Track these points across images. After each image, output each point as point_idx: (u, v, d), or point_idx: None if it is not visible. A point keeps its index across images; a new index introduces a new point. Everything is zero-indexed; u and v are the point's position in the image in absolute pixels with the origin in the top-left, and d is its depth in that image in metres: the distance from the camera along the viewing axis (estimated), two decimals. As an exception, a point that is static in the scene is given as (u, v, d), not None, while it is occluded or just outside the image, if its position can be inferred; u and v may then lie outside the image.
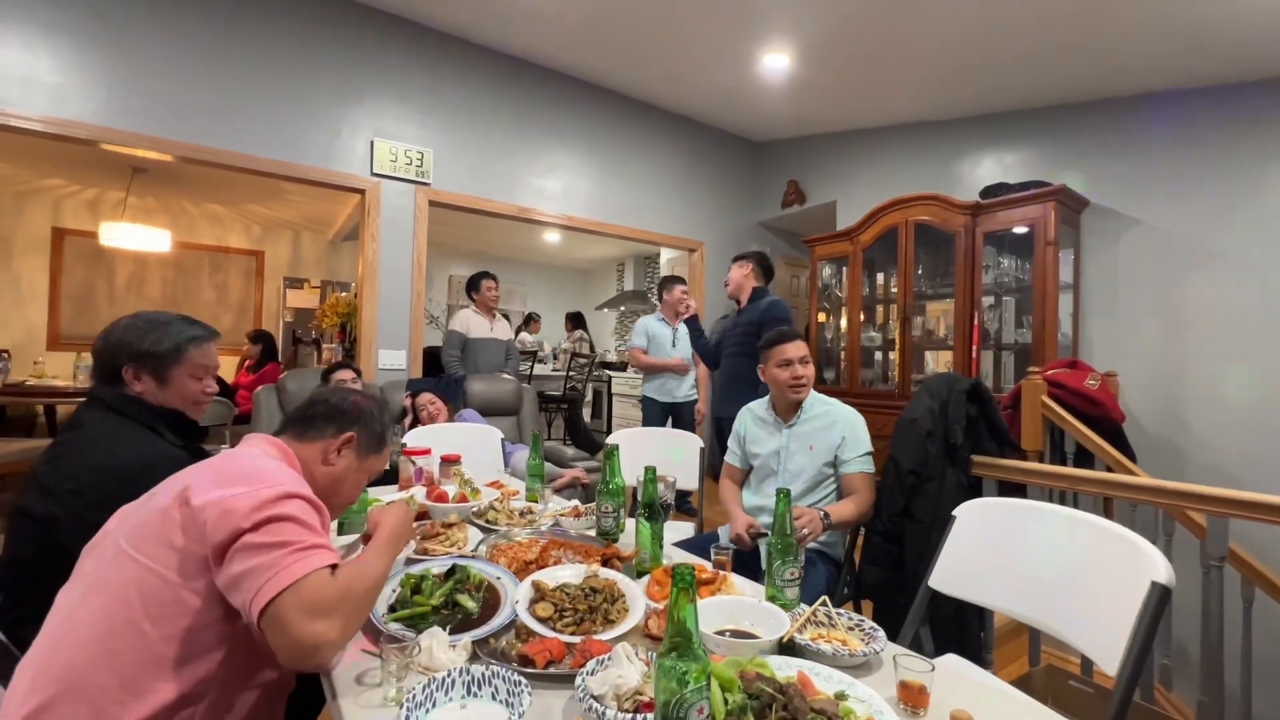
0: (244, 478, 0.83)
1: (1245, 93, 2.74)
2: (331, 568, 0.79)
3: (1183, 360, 2.89)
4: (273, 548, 0.76)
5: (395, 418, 3.04)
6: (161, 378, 1.16)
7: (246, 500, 0.79)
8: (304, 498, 0.85)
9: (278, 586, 0.73)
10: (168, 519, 0.80)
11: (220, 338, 1.32)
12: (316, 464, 1.01)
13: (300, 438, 1.02)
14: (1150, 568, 1.04)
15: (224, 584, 0.77)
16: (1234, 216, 2.76)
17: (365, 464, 1.07)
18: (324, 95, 3.15)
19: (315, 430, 1.02)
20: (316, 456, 1.01)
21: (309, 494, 0.86)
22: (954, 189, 3.64)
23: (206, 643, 0.79)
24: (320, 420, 1.03)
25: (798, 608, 0.95)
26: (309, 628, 0.72)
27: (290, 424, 1.04)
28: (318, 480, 1.00)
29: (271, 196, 5.26)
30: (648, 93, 4.20)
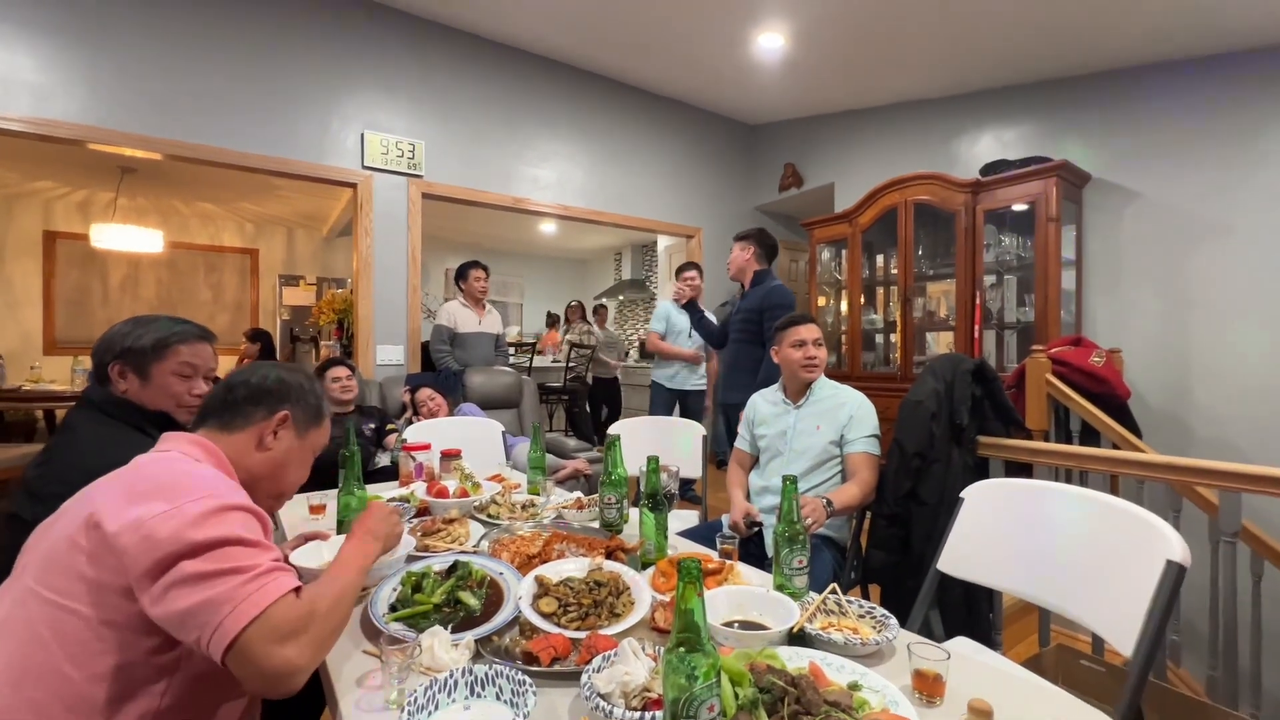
0: (162, 491, 0.72)
1: (1246, 60, 2.68)
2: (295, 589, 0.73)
3: (1187, 335, 2.86)
4: (223, 576, 0.68)
5: (395, 413, 3.02)
6: (144, 374, 1.13)
7: (172, 521, 0.69)
8: (240, 508, 0.75)
9: (242, 620, 0.66)
10: (75, 548, 0.70)
11: (216, 340, 1.27)
12: (250, 453, 0.91)
13: (226, 428, 0.90)
14: (1165, 546, 1.02)
15: (163, 618, 0.68)
16: (1238, 187, 2.72)
17: (307, 440, 0.98)
18: (312, 88, 3.09)
19: (242, 417, 0.91)
20: (249, 444, 0.91)
21: (245, 501, 0.77)
22: (953, 167, 3.59)
23: (142, 678, 0.71)
24: (245, 404, 0.92)
25: (807, 596, 0.93)
26: (278, 654, 0.66)
27: (210, 415, 0.92)
28: (255, 469, 0.91)
29: (263, 193, 5.21)
30: (641, 78, 4.13)
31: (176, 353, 1.15)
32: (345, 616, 0.77)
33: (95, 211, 5.54)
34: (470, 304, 3.55)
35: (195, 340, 1.19)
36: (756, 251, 2.73)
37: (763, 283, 2.68)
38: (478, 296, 3.54)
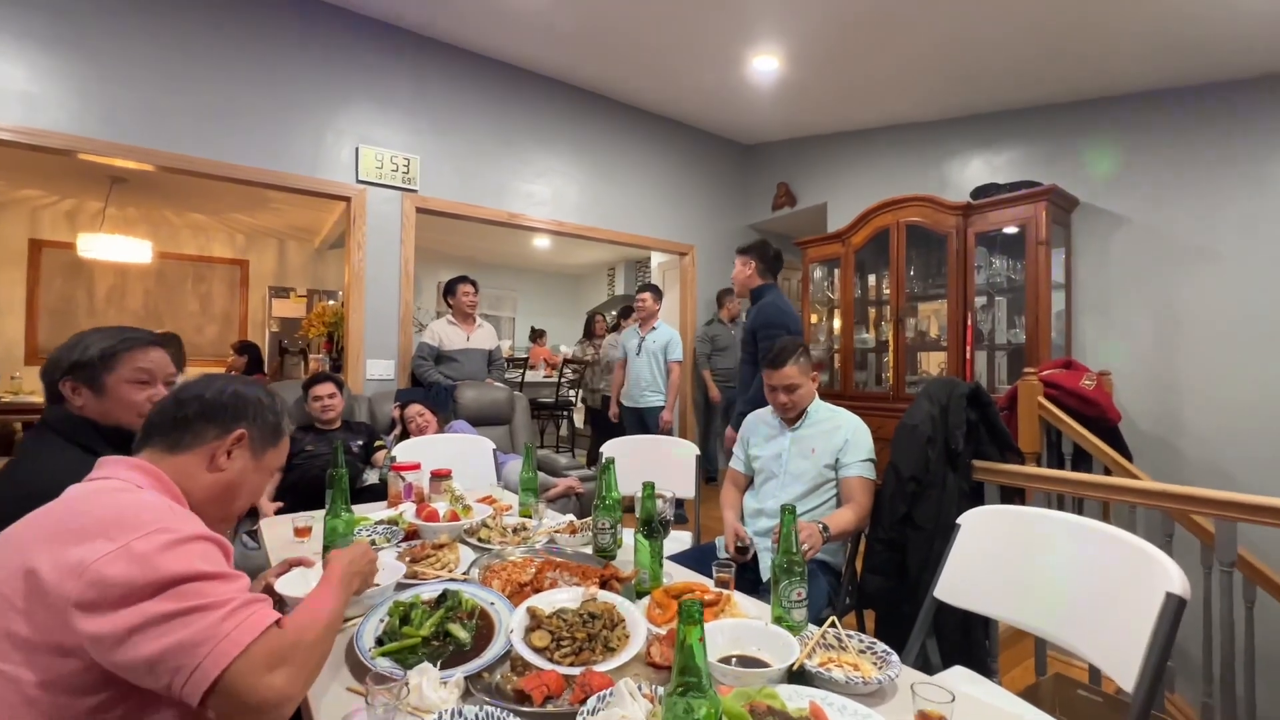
0: (105, 527, 0.65)
1: (1231, 91, 2.74)
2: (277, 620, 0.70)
3: (1176, 358, 2.89)
4: (192, 614, 0.63)
5: (385, 429, 2.98)
6: (96, 387, 1.08)
7: (121, 561, 0.62)
8: (197, 538, 0.69)
9: (223, 660, 0.62)
10: (5, 604, 0.63)
11: (173, 346, 1.23)
12: (200, 474, 0.84)
13: (173, 449, 0.82)
14: (1164, 578, 1.01)
15: (126, 666, 0.62)
16: (1223, 214, 2.77)
17: (263, 461, 0.91)
18: (307, 102, 3.09)
19: (191, 435, 0.83)
20: (199, 465, 0.84)
21: (200, 530, 0.70)
22: (944, 190, 3.64)
23: None
24: (197, 422, 0.84)
25: (806, 630, 0.91)
26: (267, 683, 0.63)
27: (155, 434, 0.83)
28: (204, 492, 0.84)
29: (256, 205, 5.19)
30: (636, 96, 4.17)
31: (127, 360, 1.10)
32: (331, 644, 0.75)
33: (83, 220, 5.48)
34: (459, 320, 3.51)
35: (145, 346, 1.13)
36: (758, 266, 2.63)
37: (758, 299, 2.61)
38: (466, 312, 3.50)
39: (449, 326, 3.48)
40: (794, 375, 1.75)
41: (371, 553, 0.99)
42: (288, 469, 2.50)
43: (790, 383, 1.75)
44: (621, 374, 3.94)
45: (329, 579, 0.87)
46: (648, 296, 3.83)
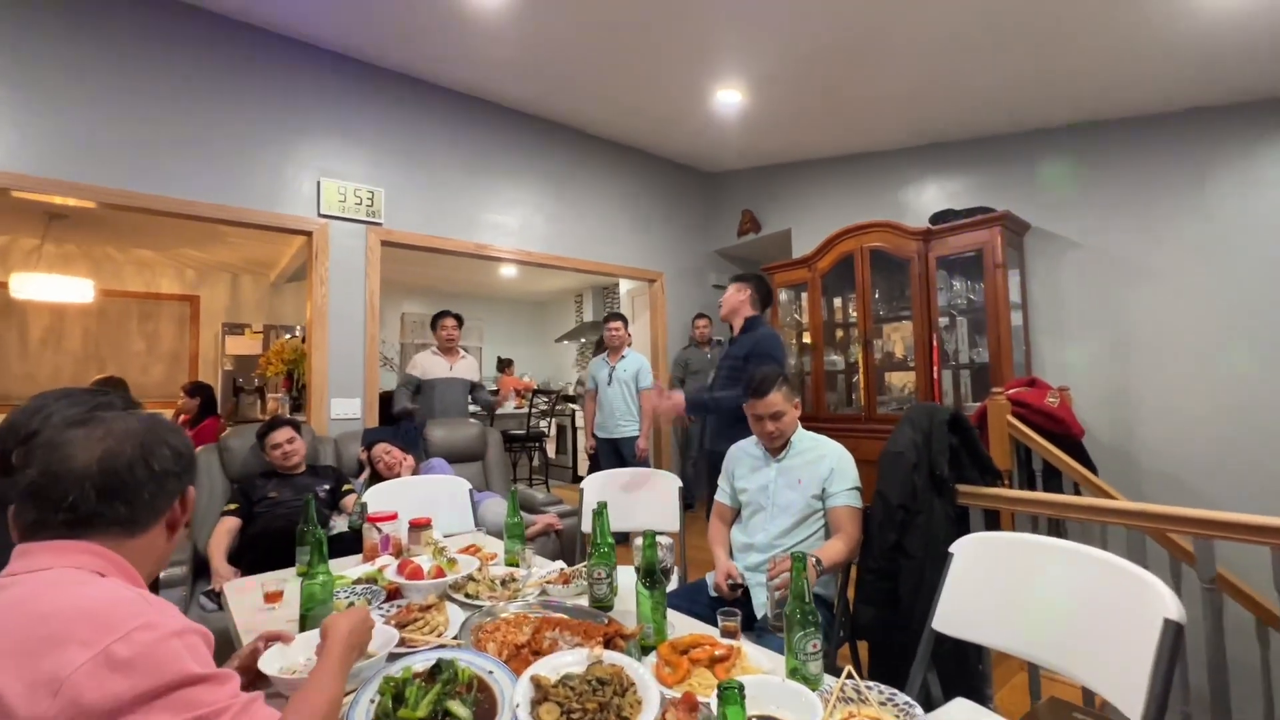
0: (75, 628, 0.56)
1: (1164, 123, 2.94)
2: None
3: (1128, 374, 3.03)
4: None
5: (352, 472, 2.85)
6: None
7: (100, 673, 0.54)
8: (181, 632, 0.61)
9: None
10: None
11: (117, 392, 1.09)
12: (160, 546, 0.75)
13: (132, 531, 0.71)
14: (1160, 604, 1.02)
15: None
16: (1162, 237, 2.94)
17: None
18: (264, 135, 3.00)
19: (150, 510, 0.73)
20: (158, 539, 0.75)
21: (182, 622, 0.63)
22: (904, 215, 3.77)
23: None
24: (155, 495, 0.73)
25: (824, 686, 0.88)
26: None
27: (99, 518, 0.69)
28: (162, 560, 0.76)
29: (208, 240, 4.99)
30: (603, 128, 4.21)
31: None
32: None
33: (16, 259, 5.16)
34: (441, 352, 3.61)
35: None
36: (752, 296, 2.62)
37: (753, 329, 2.57)
38: (446, 345, 3.60)
39: (432, 357, 3.59)
40: (779, 403, 1.76)
41: (371, 619, 0.92)
42: (249, 520, 2.36)
43: (776, 410, 1.75)
44: (593, 405, 3.90)
45: (329, 656, 0.80)
46: (620, 325, 3.82)
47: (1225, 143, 2.78)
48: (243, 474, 2.59)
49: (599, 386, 3.86)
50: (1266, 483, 2.62)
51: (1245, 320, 2.70)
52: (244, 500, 2.39)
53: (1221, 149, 2.79)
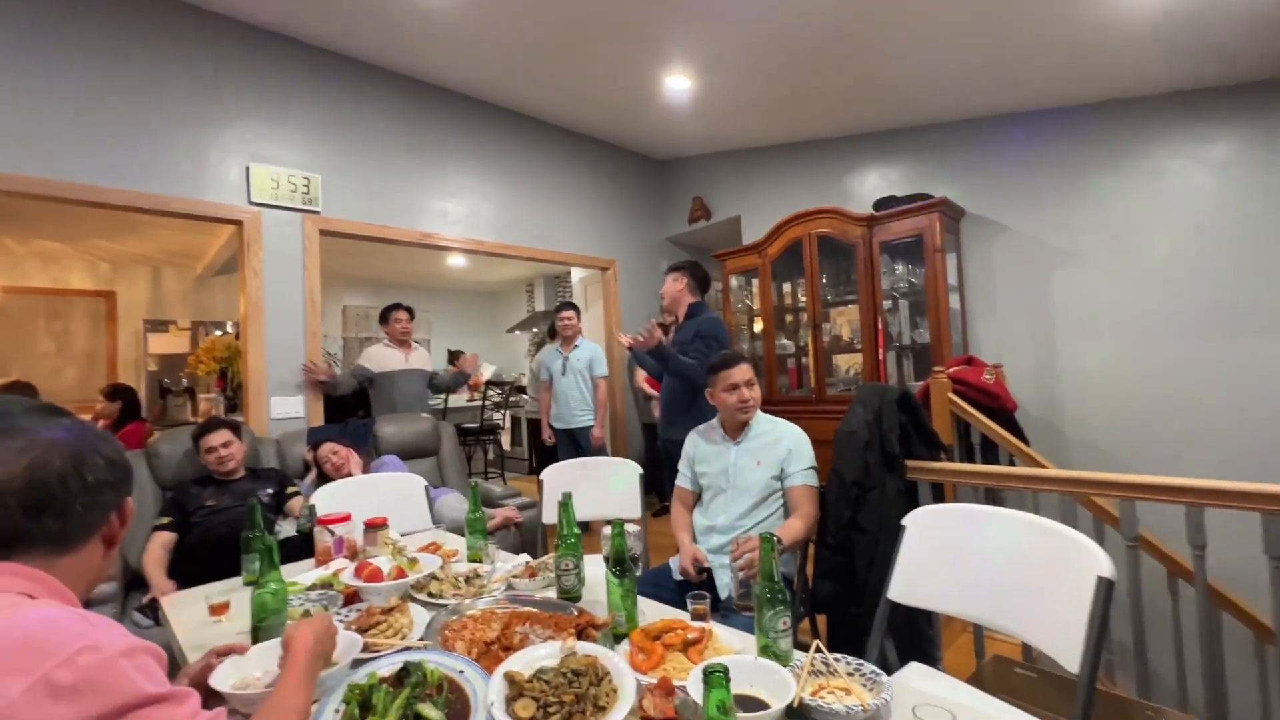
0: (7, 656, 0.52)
1: (1087, 113, 3.13)
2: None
3: (1055, 350, 3.24)
4: None
5: (298, 474, 2.72)
6: None
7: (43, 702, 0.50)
8: (130, 652, 0.57)
9: None
10: None
11: None
12: (95, 563, 0.70)
13: (64, 547, 0.66)
14: (1093, 563, 1.10)
15: None
16: (1084, 222, 3.14)
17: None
18: (186, 117, 2.78)
19: (83, 526, 0.68)
20: (93, 556, 0.70)
21: (130, 641, 0.58)
22: (848, 202, 3.87)
23: None
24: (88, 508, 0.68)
25: (794, 662, 0.91)
26: None
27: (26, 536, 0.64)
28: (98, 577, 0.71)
29: (123, 230, 4.61)
30: (551, 113, 4.13)
31: None
32: None
33: (-106, 252, 4.63)
34: (394, 345, 3.49)
35: None
36: (689, 283, 2.70)
37: (696, 315, 2.66)
38: (400, 338, 3.49)
39: (385, 350, 3.47)
40: (750, 372, 1.82)
41: (335, 627, 0.88)
42: (185, 530, 2.22)
43: (749, 378, 1.81)
44: (547, 396, 3.87)
45: (293, 667, 0.77)
46: (572, 315, 3.80)
47: (1138, 133, 2.98)
48: (176, 481, 2.43)
49: (553, 377, 3.82)
50: (1180, 448, 2.86)
51: (1159, 298, 2.92)
52: (177, 511, 2.24)
53: (1134, 139, 2.99)
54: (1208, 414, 2.80)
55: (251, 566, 1.42)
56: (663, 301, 2.79)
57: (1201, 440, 2.81)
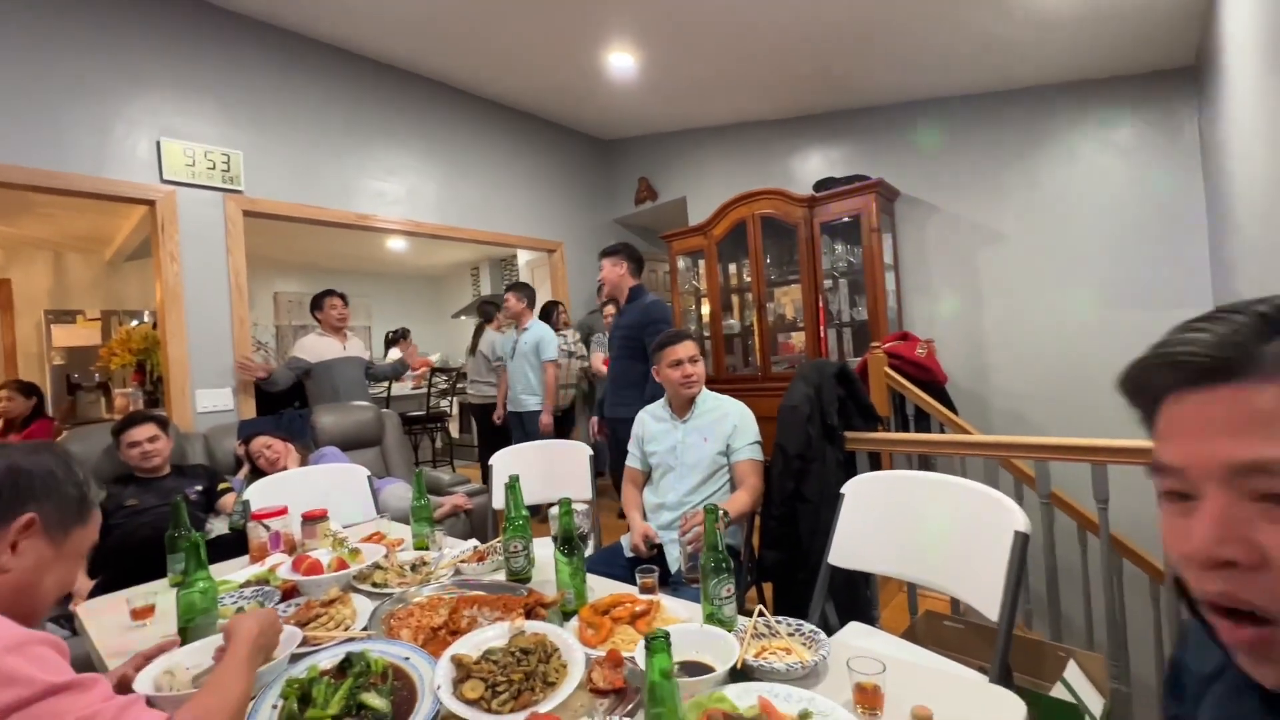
0: None
1: (1010, 99, 3.28)
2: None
3: (982, 325, 3.43)
4: None
5: (229, 471, 2.59)
6: None
7: None
8: (26, 644, 0.56)
9: None
10: None
11: None
12: None
13: None
14: (1010, 519, 1.19)
15: None
16: (1007, 203, 3.32)
17: (67, 546, 0.75)
18: (86, 87, 2.55)
19: None
20: None
21: (24, 635, 0.57)
22: (790, 183, 3.94)
23: None
24: None
25: (738, 626, 0.94)
26: None
27: None
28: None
29: (14, 211, 4.19)
30: (491, 90, 4.00)
31: None
32: None
33: None
34: (329, 333, 3.32)
35: None
36: (630, 266, 2.73)
37: (639, 298, 2.69)
38: (335, 325, 3.32)
39: (320, 339, 3.30)
40: (694, 348, 1.86)
41: (279, 622, 0.86)
42: (104, 533, 2.07)
43: (694, 354, 1.85)
44: (505, 376, 3.82)
45: (234, 656, 0.74)
46: (510, 297, 3.74)
47: (1052, 119, 3.15)
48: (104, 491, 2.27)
49: (505, 359, 3.78)
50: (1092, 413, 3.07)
51: (1076, 274, 3.12)
52: (95, 512, 2.09)
53: (1049, 124, 3.16)
54: (1115, 380, 3.03)
55: (177, 566, 1.35)
56: (601, 286, 2.78)
57: (1113, 403, 3.04)
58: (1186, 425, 0.39)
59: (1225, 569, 0.36)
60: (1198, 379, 0.38)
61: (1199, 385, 0.38)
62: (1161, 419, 0.41)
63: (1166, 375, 0.40)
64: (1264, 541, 0.34)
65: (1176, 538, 0.39)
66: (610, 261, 2.75)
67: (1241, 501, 0.36)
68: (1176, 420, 0.39)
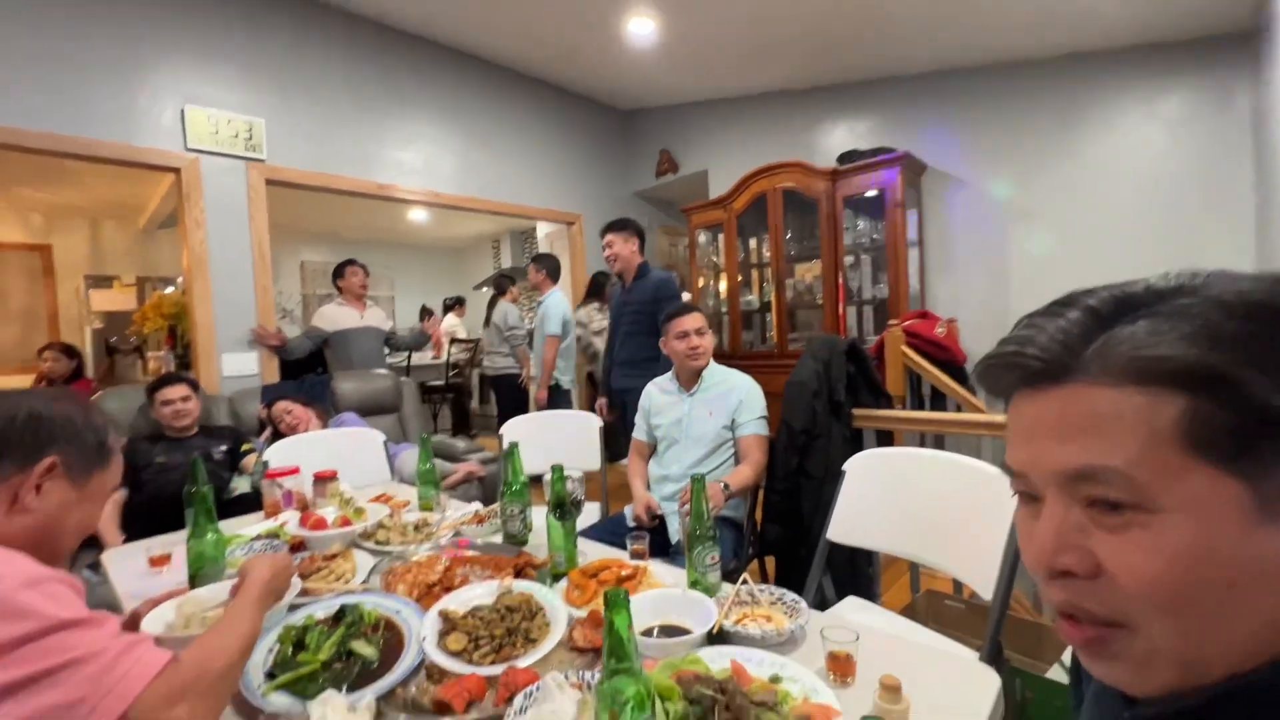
0: None
1: (1044, 68, 3.12)
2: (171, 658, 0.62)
3: (1007, 304, 3.32)
4: (60, 671, 0.54)
5: (253, 431, 2.68)
6: None
7: None
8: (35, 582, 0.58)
9: (112, 714, 0.54)
10: None
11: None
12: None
13: None
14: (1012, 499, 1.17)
15: None
16: (1041, 177, 3.18)
17: (89, 489, 0.78)
18: (112, 55, 2.59)
19: None
20: None
21: (41, 572, 0.60)
22: (813, 155, 3.84)
23: None
24: None
25: (721, 592, 0.95)
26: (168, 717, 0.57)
27: None
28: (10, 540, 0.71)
29: (51, 179, 4.33)
30: (510, 58, 3.95)
31: None
32: (239, 673, 0.69)
33: None
34: (350, 302, 3.37)
35: None
36: (639, 243, 2.74)
37: (647, 274, 2.69)
38: (358, 294, 3.37)
39: (339, 308, 3.35)
40: (702, 320, 1.86)
41: (293, 567, 0.90)
42: (135, 487, 2.18)
43: (701, 325, 1.84)
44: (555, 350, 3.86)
45: (246, 596, 0.77)
46: (531, 267, 3.78)
47: (1093, 88, 2.99)
48: (125, 439, 2.37)
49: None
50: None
51: (1113, 252, 2.99)
52: (126, 469, 2.19)
53: (1089, 94, 3.00)
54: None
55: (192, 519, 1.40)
56: (612, 263, 2.78)
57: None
58: (1025, 427, 0.37)
59: (1064, 578, 0.35)
60: (1031, 380, 0.36)
61: (1034, 386, 0.36)
62: (1009, 418, 0.39)
63: (1005, 375, 0.38)
64: (1097, 549, 0.33)
65: (1024, 542, 0.38)
66: (622, 237, 2.74)
67: (1076, 507, 0.34)
68: (1015, 421, 0.38)
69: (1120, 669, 0.35)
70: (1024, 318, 0.39)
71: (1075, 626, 0.35)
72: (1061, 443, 0.34)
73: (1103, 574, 0.33)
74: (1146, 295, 0.34)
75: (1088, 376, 0.34)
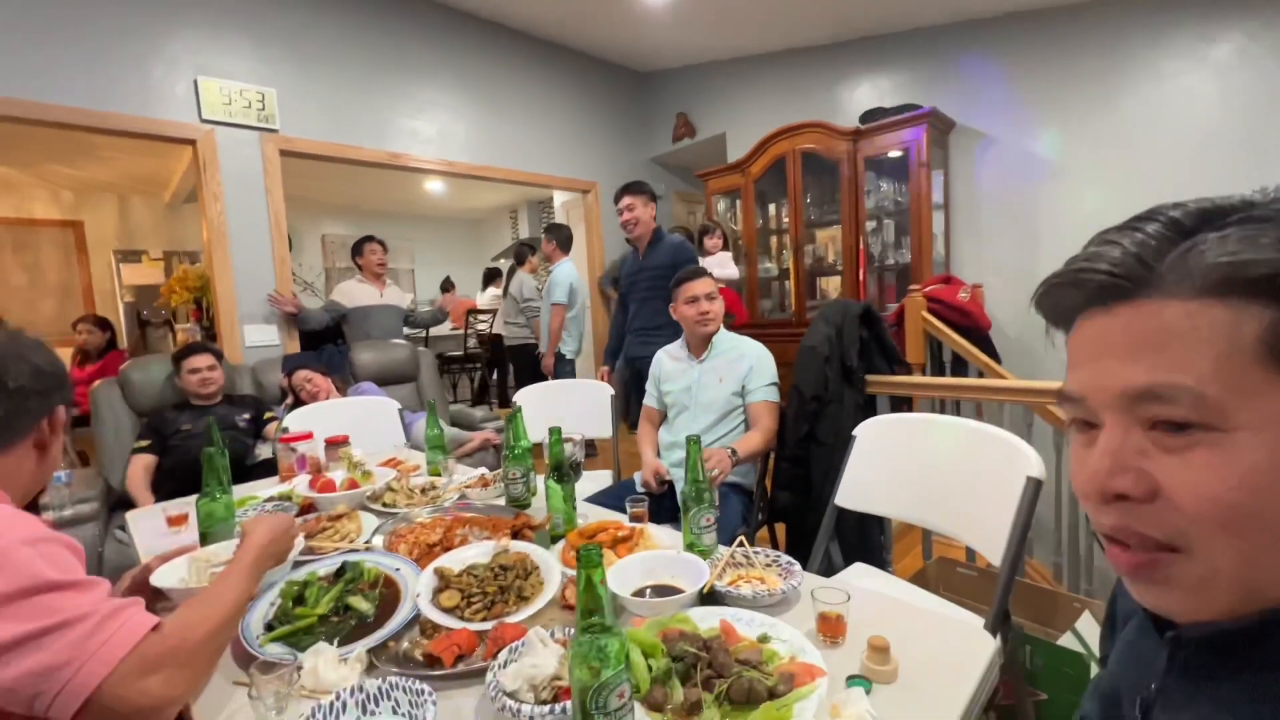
0: None
1: (1080, 13, 2.92)
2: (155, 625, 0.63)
3: (1036, 267, 3.19)
4: (47, 634, 0.55)
5: (275, 401, 2.74)
6: None
7: None
8: (37, 540, 0.60)
9: (91, 681, 0.55)
10: None
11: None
12: (28, 467, 0.74)
13: None
14: (1024, 464, 1.13)
15: None
16: (1076, 132, 3.01)
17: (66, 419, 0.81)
18: (124, 25, 2.59)
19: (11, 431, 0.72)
20: (25, 460, 0.74)
21: (40, 530, 0.61)
22: (835, 115, 3.70)
23: None
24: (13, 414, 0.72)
25: (716, 553, 0.94)
26: (140, 688, 0.57)
27: None
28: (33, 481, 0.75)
29: (79, 154, 4.41)
30: (522, 19, 3.85)
31: None
32: (224, 645, 0.69)
33: None
34: (369, 279, 3.36)
35: None
36: (655, 207, 2.69)
37: (663, 238, 2.65)
38: (376, 271, 3.36)
39: (358, 285, 3.35)
40: (711, 285, 1.83)
41: (295, 527, 0.91)
42: (163, 452, 2.26)
43: (710, 290, 1.82)
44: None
45: (241, 558, 0.78)
46: (544, 239, 3.77)
47: (1134, 35, 2.79)
48: (152, 407, 2.45)
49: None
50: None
51: (1145, 210, 2.84)
52: (155, 436, 2.28)
53: (1130, 42, 2.81)
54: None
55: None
56: (632, 227, 2.71)
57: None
58: (1088, 349, 0.35)
59: (1118, 502, 0.33)
60: (1100, 297, 0.34)
61: (1103, 304, 0.34)
62: (1070, 344, 0.37)
63: (1072, 294, 0.36)
64: (1156, 471, 0.31)
65: (1077, 469, 0.36)
66: (641, 200, 2.67)
67: (1136, 430, 0.32)
68: (1079, 344, 0.36)
69: (1173, 595, 0.34)
70: (1097, 235, 0.36)
71: (1126, 552, 0.34)
72: (1127, 362, 0.33)
73: (1160, 496, 0.32)
74: (1240, 205, 0.32)
75: (1161, 290, 0.32)
